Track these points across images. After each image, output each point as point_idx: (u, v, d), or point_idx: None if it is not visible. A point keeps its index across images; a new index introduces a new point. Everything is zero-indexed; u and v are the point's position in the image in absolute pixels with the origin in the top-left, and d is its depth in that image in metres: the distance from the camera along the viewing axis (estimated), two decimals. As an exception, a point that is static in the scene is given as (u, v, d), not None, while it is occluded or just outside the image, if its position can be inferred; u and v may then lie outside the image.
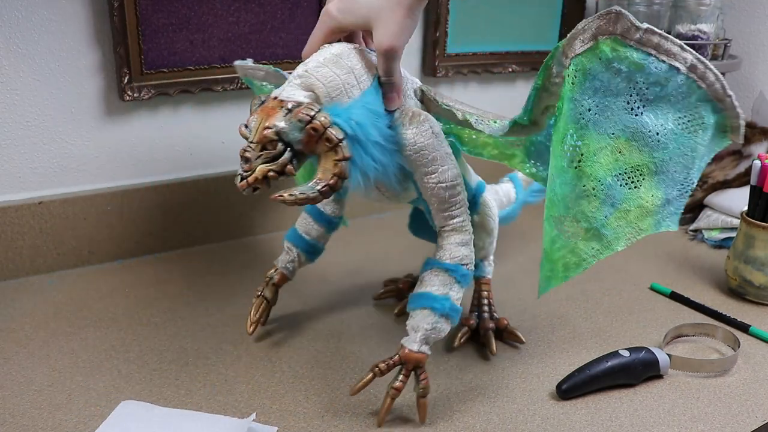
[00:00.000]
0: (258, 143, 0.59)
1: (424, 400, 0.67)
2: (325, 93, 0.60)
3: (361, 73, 0.62)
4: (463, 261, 0.66)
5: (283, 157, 0.59)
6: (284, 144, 0.59)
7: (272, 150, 0.59)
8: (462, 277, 0.66)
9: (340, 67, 0.61)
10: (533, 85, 0.60)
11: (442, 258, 0.66)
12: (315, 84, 0.60)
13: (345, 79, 0.61)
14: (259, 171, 0.59)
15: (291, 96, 0.60)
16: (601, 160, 0.58)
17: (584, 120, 0.58)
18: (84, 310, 0.87)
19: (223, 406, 0.69)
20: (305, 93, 0.60)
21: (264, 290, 0.82)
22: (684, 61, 0.56)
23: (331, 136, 0.58)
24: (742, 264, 0.92)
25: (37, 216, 0.94)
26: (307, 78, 0.60)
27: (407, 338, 0.66)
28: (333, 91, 0.60)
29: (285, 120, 0.58)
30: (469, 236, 0.67)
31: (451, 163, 0.65)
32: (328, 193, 0.59)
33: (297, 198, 0.59)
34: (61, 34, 0.91)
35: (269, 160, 0.59)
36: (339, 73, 0.61)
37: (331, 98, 0.60)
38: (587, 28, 0.55)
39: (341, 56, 0.62)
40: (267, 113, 0.59)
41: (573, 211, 0.60)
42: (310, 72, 0.60)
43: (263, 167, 0.59)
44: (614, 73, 0.56)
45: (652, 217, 0.61)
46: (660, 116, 0.58)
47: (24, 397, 0.70)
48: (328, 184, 0.59)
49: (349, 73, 0.61)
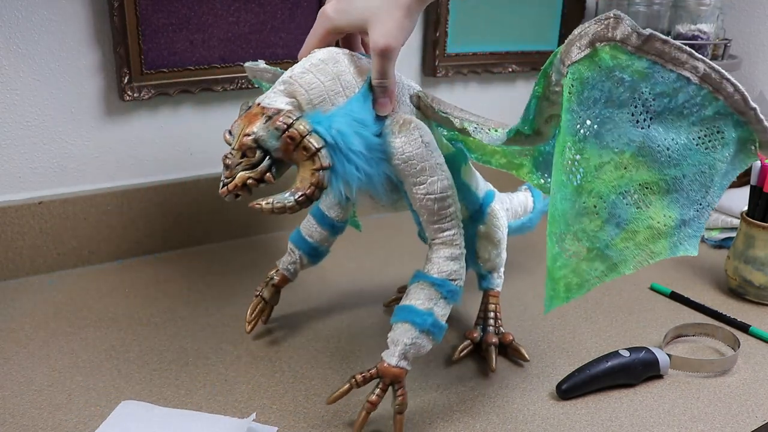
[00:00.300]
0: (238, 150, 0.59)
1: (401, 416, 0.65)
2: (307, 100, 0.60)
3: (347, 80, 0.61)
4: (452, 276, 0.64)
5: (262, 164, 0.59)
6: (263, 151, 0.59)
7: (252, 157, 0.59)
8: (449, 293, 0.64)
9: (324, 74, 0.60)
10: (532, 92, 0.57)
11: (429, 272, 0.65)
12: (297, 90, 0.60)
13: (329, 85, 0.60)
14: (238, 178, 0.59)
15: (272, 103, 0.59)
16: (603, 176, 0.55)
17: (583, 133, 0.54)
18: (84, 310, 0.87)
19: (223, 406, 0.69)
20: (287, 100, 0.60)
21: (263, 290, 0.82)
22: (695, 71, 0.51)
23: (308, 144, 0.57)
24: (742, 264, 0.93)
25: (37, 216, 0.94)
26: (290, 84, 0.60)
27: (387, 351, 0.65)
28: (316, 98, 0.60)
29: (264, 128, 0.58)
30: (459, 251, 0.65)
31: (442, 174, 0.63)
32: (305, 202, 0.59)
33: (274, 206, 0.58)
34: (61, 34, 0.91)
35: (249, 167, 0.59)
36: (323, 80, 0.60)
37: (313, 105, 0.60)
38: (584, 34, 0.52)
39: (327, 62, 0.61)
40: (249, 120, 0.59)
41: (574, 229, 0.57)
42: (294, 78, 0.60)
43: (243, 174, 0.59)
44: (616, 82, 0.52)
45: (666, 239, 0.58)
46: (671, 130, 0.53)
47: (24, 397, 0.70)
48: (305, 194, 0.58)
49: (333, 80, 0.60)
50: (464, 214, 0.72)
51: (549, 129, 0.60)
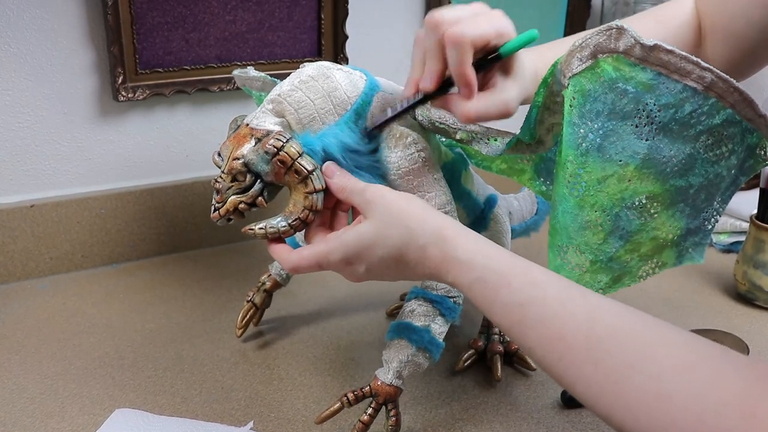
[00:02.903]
0: (228, 174, 0.58)
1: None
2: (296, 120, 0.59)
3: (339, 97, 0.59)
4: (451, 293, 0.64)
5: (253, 189, 0.58)
6: (254, 175, 0.58)
7: (242, 181, 0.58)
8: (447, 311, 0.64)
9: (314, 91, 0.59)
10: (533, 101, 0.56)
11: (428, 288, 0.64)
12: (286, 109, 0.59)
13: (319, 104, 0.59)
14: (230, 203, 0.59)
15: (261, 124, 0.58)
16: (606, 189, 0.54)
17: (585, 146, 0.53)
18: (77, 315, 0.87)
19: (220, 415, 0.69)
20: (276, 120, 0.59)
21: (254, 296, 0.82)
22: (701, 80, 0.50)
23: (300, 168, 0.56)
24: (751, 269, 0.93)
25: (29, 219, 0.94)
26: (278, 103, 0.59)
27: (381, 369, 0.64)
28: (305, 118, 0.59)
29: (253, 151, 0.57)
30: None
31: (440, 190, 0.62)
32: (299, 227, 0.59)
33: (267, 232, 0.58)
34: (53, 32, 0.91)
35: (240, 191, 0.58)
36: (313, 98, 0.59)
37: (303, 125, 0.59)
38: (585, 45, 0.51)
39: (317, 78, 0.59)
40: (238, 142, 0.58)
41: (576, 241, 0.57)
42: (283, 96, 0.59)
43: (234, 199, 0.59)
44: (619, 94, 0.51)
45: (672, 248, 0.58)
46: (677, 140, 0.52)
47: (16, 405, 0.70)
48: (298, 218, 0.58)
49: (324, 98, 0.59)
50: (465, 222, 0.72)
51: (550, 137, 0.60)
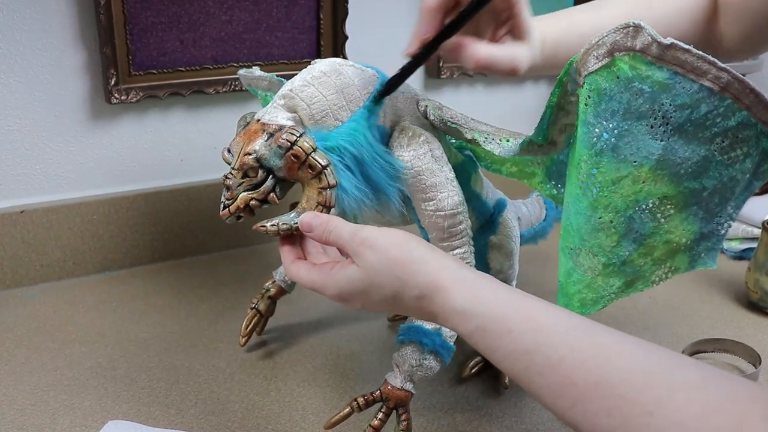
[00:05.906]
0: (239, 170, 0.58)
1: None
2: (309, 115, 0.59)
3: (352, 93, 0.60)
4: None
5: (265, 184, 0.59)
6: (266, 171, 0.58)
7: (254, 177, 0.58)
8: None
9: (327, 87, 0.59)
10: (548, 102, 0.57)
11: None
12: (299, 105, 0.59)
13: (332, 99, 0.59)
14: (240, 199, 0.59)
15: (273, 119, 0.59)
16: (621, 190, 0.54)
17: (600, 146, 0.53)
18: (69, 324, 0.87)
19: (216, 427, 0.69)
20: (288, 115, 0.59)
21: (258, 303, 0.82)
22: (717, 80, 0.50)
23: (314, 162, 0.57)
24: (763, 276, 0.92)
25: (18, 225, 0.94)
26: (290, 98, 0.60)
27: (391, 373, 0.65)
28: (318, 113, 0.59)
29: (265, 145, 0.57)
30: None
31: (453, 190, 0.63)
32: None
33: (279, 228, 0.58)
34: (44, 32, 0.91)
35: (251, 187, 0.59)
36: (325, 93, 0.59)
37: (315, 121, 0.59)
38: (602, 43, 0.51)
39: (330, 74, 0.60)
40: (249, 137, 0.59)
41: (589, 244, 0.57)
42: (295, 92, 0.60)
43: (245, 195, 0.59)
44: (635, 94, 0.51)
45: (685, 253, 0.58)
46: (692, 142, 0.53)
47: (5, 417, 0.70)
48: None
49: (336, 93, 0.60)
50: (474, 225, 0.72)
51: (563, 139, 0.60)
